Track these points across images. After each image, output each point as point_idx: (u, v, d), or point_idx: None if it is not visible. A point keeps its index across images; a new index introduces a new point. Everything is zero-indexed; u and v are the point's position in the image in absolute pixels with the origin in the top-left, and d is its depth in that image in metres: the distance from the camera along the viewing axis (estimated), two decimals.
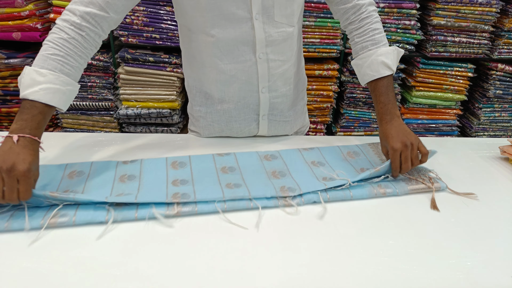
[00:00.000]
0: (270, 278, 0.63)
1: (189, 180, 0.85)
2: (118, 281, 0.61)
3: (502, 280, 0.65)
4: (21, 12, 1.98)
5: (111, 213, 0.74)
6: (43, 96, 0.75)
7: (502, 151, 1.07)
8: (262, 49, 0.96)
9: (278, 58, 0.99)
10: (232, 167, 0.91)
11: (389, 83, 0.97)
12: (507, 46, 2.20)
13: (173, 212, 0.76)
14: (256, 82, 1.01)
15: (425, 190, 0.88)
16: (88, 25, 0.82)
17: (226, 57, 0.96)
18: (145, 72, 2.13)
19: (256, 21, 0.92)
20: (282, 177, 0.88)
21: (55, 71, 0.78)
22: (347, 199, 0.83)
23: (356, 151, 1.03)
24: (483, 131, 2.40)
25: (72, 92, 0.83)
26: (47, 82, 0.76)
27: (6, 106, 2.20)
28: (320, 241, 0.72)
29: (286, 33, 0.97)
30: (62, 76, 0.79)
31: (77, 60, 0.83)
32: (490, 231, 0.77)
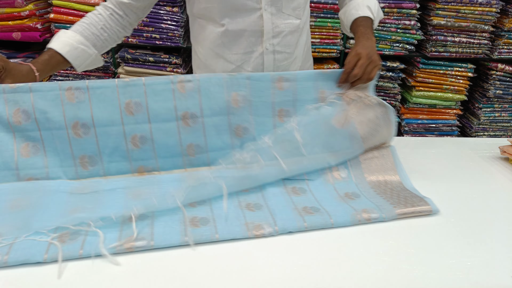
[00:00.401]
0: (270, 278, 0.63)
1: (150, 216, 0.74)
2: None
3: (502, 280, 0.65)
4: (21, 12, 1.97)
5: (52, 249, 0.64)
6: (55, 45, 0.90)
7: (502, 151, 1.07)
8: (269, 40, 0.99)
9: (284, 50, 1.02)
10: (201, 200, 0.80)
11: (370, 24, 1.01)
12: (507, 46, 2.20)
13: (125, 246, 0.66)
14: (261, 72, 1.02)
15: (414, 215, 0.79)
16: (112, 7, 0.97)
17: (234, 47, 1.00)
18: (145, 72, 2.12)
19: (265, 12, 0.96)
20: (257, 210, 0.78)
21: (76, 32, 0.93)
22: (327, 227, 0.75)
23: (345, 172, 0.91)
24: (483, 131, 2.40)
25: (85, 52, 0.93)
26: (65, 37, 0.91)
27: None
28: (319, 241, 0.72)
29: (292, 25, 1.01)
30: (78, 36, 0.92)
31: (99, 30, 0.95)
32: (490, 231, 0.77)
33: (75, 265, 0.63)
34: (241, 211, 0.77)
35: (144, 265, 0.64)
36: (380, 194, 0.85)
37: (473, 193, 0.90)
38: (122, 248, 0.66)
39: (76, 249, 0.64)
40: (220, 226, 0.72)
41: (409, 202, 0.81)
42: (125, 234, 0.68)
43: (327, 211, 0.78)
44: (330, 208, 0.79)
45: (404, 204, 0.80)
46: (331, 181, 0.89)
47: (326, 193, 0.85)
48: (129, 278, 0.61)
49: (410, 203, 0.80)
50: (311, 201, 0.81)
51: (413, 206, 0.80)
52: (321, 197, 0.83)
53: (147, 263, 0.65)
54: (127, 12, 0.98)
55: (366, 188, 0.87)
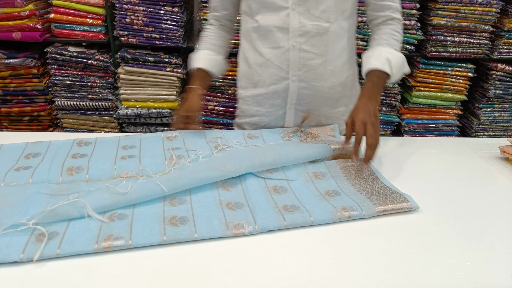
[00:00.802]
0: (269, 278, 0.63)
1: (129, 215, 0.74)
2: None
3: (502, 280, 0.65)
4: (21, 12, 1.97)
5: (29, 248, 0.64)
6: (198, 64, 1.16)
7: (502, 151, 1.07)
8: (295, 38, 1.05)
9: (311, 50, 1.06)
10: (182, 199, 0.80)
11: (384, 78, 1.02)
12: (507, 46, 2.20)
13: (103, 245, 0.66)
14: (287, 68, 1.09)
15: (395, 211, 0.80)
16: (213, 21, 1.22)
17: (265, 41, 1.09)
18: (145, 72, 2.13)
19: (292, 11, 1.03)
20: (238, 209, 0.78)
21: (203, 49, 1.19)
22: (307, 225, 0.75)
23: (323, 171, 0.94)
24: (483, 131, 2.40)
25: (215, 60, 1.18)
26: (200, 56, 1.18)
27: (6, 106, 2.20)
28: (319, 241, 0.72)
29: (320, 27, 1.04)
30: (206, 50, 1.18)
31: (215, 40, 1.20)
32: (490, 231, 0.77)
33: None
34: (221, 209, 0.77)
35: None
36: (361, 191, 0.86)
37: (473, 193, 0.90)
38: (100, 247, 0.66)
39: (53, 249, 0.65)
40: (199, 225, 0.72)
41: (389, 199, 0.82)
42: (103, 233, 0.68)
43: (307, 209, 0.78)
44: (310, 206, 0.80)
45: (384, 201, 0.81)
46: (312, 180, 0.91)
47: (307, 191, 0.86)
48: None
49: (390, 200, 0.82)
50: (291, 200, 0.82)
51: (393, 203, 0.81)
52: (301, 195, 0.84)
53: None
54: (224, 21, 1.21)
55: (347, 186, 0.89)
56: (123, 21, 2.05)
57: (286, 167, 0.93)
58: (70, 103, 2.22)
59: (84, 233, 0.68)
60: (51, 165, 0.89)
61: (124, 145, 0.99)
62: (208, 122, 2.28)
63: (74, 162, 0.90)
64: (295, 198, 0.83)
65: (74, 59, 2.12)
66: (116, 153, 0.95)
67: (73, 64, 2.15)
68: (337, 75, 1.12)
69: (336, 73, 1.12)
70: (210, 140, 1.03)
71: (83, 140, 1.00)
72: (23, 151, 0.95)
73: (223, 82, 2.18)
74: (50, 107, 2.25)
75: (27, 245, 0.64)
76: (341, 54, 1.10)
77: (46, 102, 2.23)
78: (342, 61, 1.12)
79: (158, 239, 0.68)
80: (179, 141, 1.03)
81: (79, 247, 0.65)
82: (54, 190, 0.79)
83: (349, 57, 1.14)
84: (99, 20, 2.06)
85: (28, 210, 0.72)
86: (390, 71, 1.00)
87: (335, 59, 1.09)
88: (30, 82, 2.16)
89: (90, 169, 0.87)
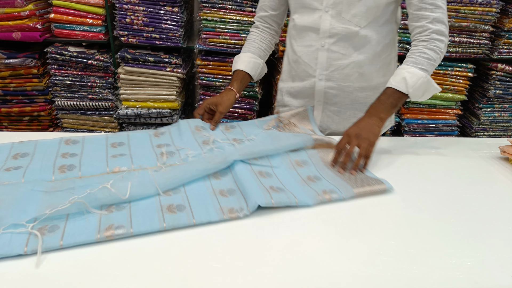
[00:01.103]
0: (269, 277, 0.63)
1: (126, 206, 0.76)
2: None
3: (502, 280, 0.65)
4: (21, 12, 1.97)
5: (32, 241, 0.65)
6: (238, 66, 1.22)
7: (502, 151, 1.07)
8: (325, 39, 1.10)
9: (339, 50, 1.10)
10: (176, 189, 0.83)
11: (397, 97, 1.00)
12: (507, 46, 2.20)
13: (105, 234, 0.68)
14: (315, 67, 1.14)
15: (372, 193, 0.86)
16: (259, 23, 1.27)
17: (298, 39, 1.15)
18: (145, 72, 2.12)
19: (325, 13, 1.07)
20: (230, 195, 0.82)
21: (245, 51, 1.25)
22: (292, 205, 0.79)
23: (305, 159, 0.99)
24: (483, 131, 2.40)
25: (256, 63, 1.24)
26: (242, 58, 1.24)
27: (6, 106, 2.20)
28: (320, 241, 0.72)
29: (350, 31, 1.07)
30: (248, 53, 1.24)
31: (259, 44, 1.25)
32: (490, 231, 0.77)
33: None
34: (215, 196, 0.81)
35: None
36: (339, 176, 0.92)
37: (473, 193, 0.90)
38: (103, 237, 0.67)
39: (57, 240, 0.66)
40: (196, 212, 0.75)
41: (365, 182, 0.88)
42: (103, 224, 0.70)
43: (291, 191, 0.83)
44: (294, 189, 0.85)
45: (361, 184, 0.87)
46: (294, 168, 0.95)
47: (290, 177, 0.91)
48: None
49: (366, 183, 0.88)
50: (276, 183, 0.87)
51: (369, 185, 0.87)
52: (285, 180, 0.89)
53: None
54: (270, 22, 1.26)
55: (326, 171, 0.94)
56: (123, 21, 2.05)
57: (270, 156, 0.98)
58: (70, 103, 2.22)
59: (85, 224, 0.70)
60: (42, 164, 0.89)
61: (113, 143, 1.00)
62: None
63: (66, 161, 0.90)
64: (279, 182, 0.87)
65: (74, 59, 2.12)
66: (106, 151, 0.97)
67: (73, 64, 2.14)
68: (368, 79, 1.14)
69: (367, 77, 1.13)
70: (197, 136, 1.05)
71: (70, 138, 1.01)
72: (10, 151, 0.94)
73: (223, 82, 2.18)
74: (50, 107, 2.25)
75: (30, 238, 0.65)
76: (374, 59, 1.11)
77: (46, 102, 2.23)
78: (375, 67, 1.13)
79: (158, 226, 0.71)
80: (167, 137, 1.06)
81: (82, 238, 0.67)
82: (49, 187, 0.80)
83: (385, 64, 1.15)
84: (99, 20, 2.06)
85: (26, 208, 0.72)
86: (406, 90, 0.99)
87: (366, 63, 1.11)
88: (30, 82, 2.16)
89: (82, 167, 0.88)
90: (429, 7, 1.00)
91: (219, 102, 1.15)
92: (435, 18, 1.00)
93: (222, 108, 1.14)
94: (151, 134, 1.07)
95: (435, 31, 1.01)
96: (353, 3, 1.04)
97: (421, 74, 0.99)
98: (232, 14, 2.05)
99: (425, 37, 1.01)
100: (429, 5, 1.00)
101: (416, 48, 1.03)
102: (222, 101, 1.15)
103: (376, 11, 1.05)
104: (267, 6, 1.23)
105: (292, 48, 1.19)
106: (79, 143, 0.99)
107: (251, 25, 2.07)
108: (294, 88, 1.22)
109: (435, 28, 1.01)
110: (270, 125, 1.13)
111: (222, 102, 1.15)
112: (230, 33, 2.07)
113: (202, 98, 2.23)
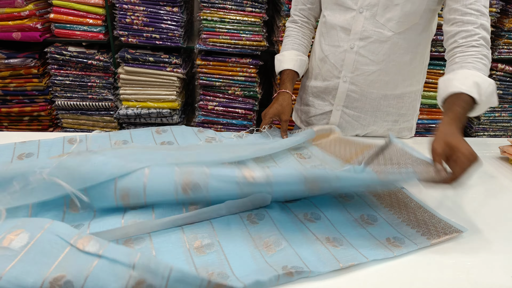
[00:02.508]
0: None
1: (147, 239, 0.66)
2: None
3: (502, 280, 0.65)
4: (21, 12, 1.97)
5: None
6: (287, 65, 1.17)
7: (502, 151, 1.07)
8: (355, 41, 1.05)
9: (367, 55, 1.06)
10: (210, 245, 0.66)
11: (469, 106, 0.83)
12: (507, 46, 2.20)
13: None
14: (341, 68, 1.10)
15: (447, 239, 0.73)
16: (298, 17, 1.22)
17: (327, 38, 1.12)
18: (145, 72, 2.12)
19: (359, 14, 1.02)
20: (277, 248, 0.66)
21: (289, 49, 1.20)
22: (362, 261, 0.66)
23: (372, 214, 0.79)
24: (483, 131, 2.40)
25: (302, 60, 1.20)
26: (287, 57, 1.19)
27: (6, 106, 2.20)
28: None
29: (382, 35, 1.02)
30: (293, 51, 1.20)
31: (301, 40, 1.22)
32: (490, 231, 0.77)
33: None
34: (257, 250, 0.66)
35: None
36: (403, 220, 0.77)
37: (473, 193, 0.90)
38: None
39: None
40: (228, 251, 0.64)
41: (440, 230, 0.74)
42: None
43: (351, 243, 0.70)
44: (351, 238, 0.70)
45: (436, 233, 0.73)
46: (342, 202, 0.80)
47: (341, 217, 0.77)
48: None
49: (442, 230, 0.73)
50: (330, 231, 0.73)
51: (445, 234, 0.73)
52: (339, 224, 0.75)
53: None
54: (308, 16, 1.22)
55: (384, 212, 0.78)
56: (123, 21, 2.05)
57: (315, 197, 0.81)
58: (70, 103, 2.22)
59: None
60: None
61: (116, 141, 1.00)
62: (208, 122, 2.28)
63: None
64: (333, 227, 0.73)
65: (74, 59, 2.12)
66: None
67: (73, 64, 2.14)
68: (393, 87, 1.10)
69: (392, 85, 1.09)
70: (200, 136, 1.05)
71: (73, 137, 1.01)
72: (14, 151, 0.93)
73: (223, 82, 2.18)
74: (50, 107, 2.25)
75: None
76: (403, 68, 1.07)
77: (46, 102, 2.23)
78: (403, 76, 1.09)
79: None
80: (169, 134, 1.05)
81: None
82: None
83: (413, 74, 1.10)
84: (99, 20, 2.06)
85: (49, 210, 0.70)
86: (478, 98, 0.83)
87: (394, 71, 1.07)
88: (30, 82, 2.16)
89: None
90: (475, 13, 0.91)
91: (281, 111, 1.10)
92: (481, 24, 0.91)
93: (286, 116, 1.10)
94: (153, 131, 1.07)
95: (483, 38, 0.91)
96: (389, 6, 0.98)
97: (490, 80, 0.86)
98: (232, 14, 2.05)
99: (476, 42, 0.90)
100: (475, 11, 0.91)
101: (470, 54, 0.90)
102: (283, 109, 1.10)
103: (412, 18, 0.99)
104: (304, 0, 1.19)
105: (320, 46, 1.15)
106: (82, 141, 0.99)
107: (251, 25, 2.08)
108: (317, 88, 1.19)
109: (483, 34, 0.91)
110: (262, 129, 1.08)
111: (284, 110, 1.10)
112: (230, 33, 2.07)
113: (202, 98, 2.23)
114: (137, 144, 1.00)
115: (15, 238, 0.55)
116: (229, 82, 2.18)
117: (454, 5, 0.93)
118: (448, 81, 0.88)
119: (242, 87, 2.19)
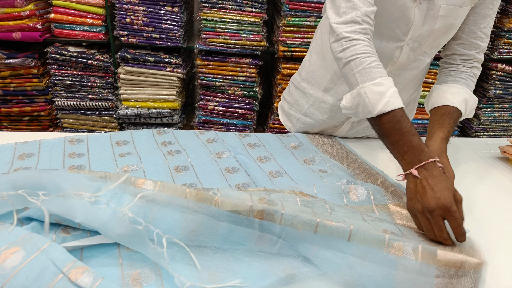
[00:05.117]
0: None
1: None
2: None
3: (502, 280, 0.65)
4: (21, 12, 1.97)
5: None
6: (398, 103, 0.76)
7: (502, 151, 1.07)
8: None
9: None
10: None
11: (455, 121, 0.92)
12: (507, 46, 2.20)
13: None
14: None
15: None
16: (368, 26, 0.83)
17: None
18: (145, 72, 2.13)
19: (406, 46, 0.93)
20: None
21: (384, 75, 0.79)
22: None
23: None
24: (483, 131, 2.40)
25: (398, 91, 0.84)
26: (389, 87, 0.77)
27: (6, 106, 2.20)
28: None
29: (421, 62, 0.99)
30: (391, 79, 0.80)
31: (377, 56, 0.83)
32: (490, 231, 0.77)
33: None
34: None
35: None
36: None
37: (473, 193, 0.90)
38: None
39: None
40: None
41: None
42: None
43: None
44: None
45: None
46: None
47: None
48: None
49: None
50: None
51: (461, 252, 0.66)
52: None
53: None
54: (372, 21, 0.86)
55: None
56: (123, 21, 2.05)
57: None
58: (70, 103, 2.22)
59: None
60: (51, 165, 0.88)
61: (117, 141, 1.00)
62: (208, 122, 2.28)
63: (74, 162, 0.90)
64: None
65: (74, 59, 2.12)
66: (112, 150, 0.96)
67: (73, 64, 2.15)
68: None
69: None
70: (206, 141, 1.03)
71: (73, 137, 1.00)
72: (14, 152, 0.93)
73: (223, 82, 2.18)
74: (50, 107, 2.25)
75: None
76: (415, 80, 1.09)
77: (46, 102, 2.23)
78: (414, 87, 1.11)
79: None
80: (170, 135, 1.06)
81: None
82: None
83: (420, 83, 1.14)
84: (99, 20, 2.06)
85: None
86: (464, 112, 0.93)
87: (409, 86, 1.08)
88: (30, 82, 2.16)
89: (92, 167, 0.88)
90: (483, 36, 0.96)
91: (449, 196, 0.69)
92: (483, 49, 0.97)
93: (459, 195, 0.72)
94: (154, 132, 1.07)
95: (479, 61, 0.99)
96: (439, 36, 0.94)
97: (475, 98, 0.96)
98: (232, 14, 2.05)
99: (471, 64, 0.98)
100: (484, 35, 0.95)
101: (464, 71, 0.98)
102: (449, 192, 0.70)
103: (449, 37, 0.97)
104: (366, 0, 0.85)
105: None
106: (83, 142, 0.99)
107: (251, 25, 2.08)
108: (327, 103, 1.08)
109: (480, 58, 0.98)
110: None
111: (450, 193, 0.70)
112: (230, 33, 2.07)
113: (202, 98, 2.24)
114: (138, 143, 1.00)
115: (9, 257, 0.53)
116: (229, 82, 2.18)
117: (470, 27, 0.94)
118: (442, 92, 0.95)
119: (242, 87, 2.19)
